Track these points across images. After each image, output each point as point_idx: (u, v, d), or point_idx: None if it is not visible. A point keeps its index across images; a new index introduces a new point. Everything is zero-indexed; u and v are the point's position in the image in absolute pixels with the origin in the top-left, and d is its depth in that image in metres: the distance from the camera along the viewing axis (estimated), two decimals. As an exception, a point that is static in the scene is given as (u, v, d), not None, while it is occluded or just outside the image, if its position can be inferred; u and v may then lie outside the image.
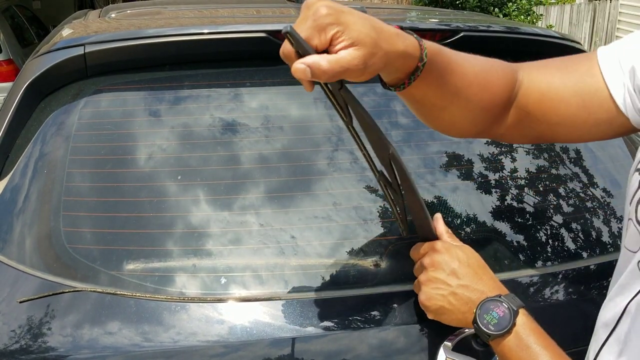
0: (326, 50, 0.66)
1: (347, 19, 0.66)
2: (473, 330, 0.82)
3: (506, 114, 0.88)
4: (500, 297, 0.81)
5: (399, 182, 0.81)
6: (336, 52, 0.66)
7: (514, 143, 1.12)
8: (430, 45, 0.75)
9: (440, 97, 0.80)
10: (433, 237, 0.90)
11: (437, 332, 0.90)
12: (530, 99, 0.87)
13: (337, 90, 0.69)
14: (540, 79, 0.87)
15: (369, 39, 0.66)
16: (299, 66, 0.64)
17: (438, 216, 0.93)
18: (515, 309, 0.79)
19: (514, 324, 0.79)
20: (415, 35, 0.74)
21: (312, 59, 0.64)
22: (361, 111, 0.72)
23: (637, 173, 0.74)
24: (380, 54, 0.68)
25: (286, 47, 0.67)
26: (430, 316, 0.87)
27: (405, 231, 0.90)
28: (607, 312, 0.77)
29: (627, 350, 0.72)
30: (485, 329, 0.80)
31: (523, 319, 0.80)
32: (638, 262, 0.72)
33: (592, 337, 0.80)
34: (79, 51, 1.13)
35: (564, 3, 10.14)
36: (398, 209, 0.86)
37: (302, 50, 0.63)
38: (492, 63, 0.87)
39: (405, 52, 0.72)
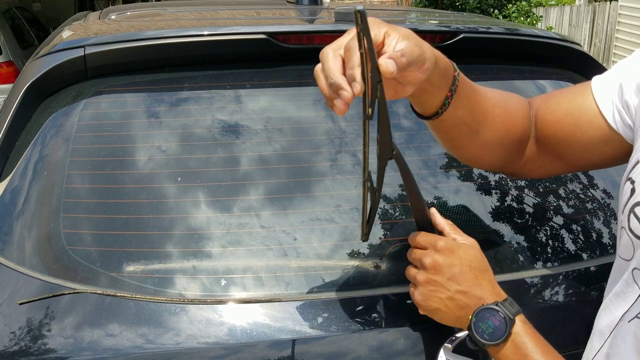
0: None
1: (391, 25, 0.73)
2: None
3: (526, 144, 0.94)
4: (497, 304, 0.79)
5: (402, 182, 0.81)
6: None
7: (533, 178, 1.13)
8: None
9: (472, 119, 0.87)
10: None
11: (437, 333, 0.90)
12: (536, 125, 0.94)
13: (377, 84, 0.69)
14: (540, 105, 0.94)
15: (413, 35, 0.73)
16: (387, 61, 0.67)
17: (433, 211, 0.89)
18: (512, 317, 0.78)
19: (509, 334, 0.78)
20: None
21: (388, 54, 0.68)
22: (385, 109, 0.73)
23: (628, 182, 0.75)
24: (427, 47, 0.74)
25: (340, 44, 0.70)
26: (422, 312, 0.86)
27: (365, 236, 0.87)
28: (602, 320, 0.78)
29: (613, 356, 0.74)
30: (479, 338, 0.79)
31: (519, 326, 0.79)
32: (633, 270, 0.73)
33: (588, 344, 0.81)
34: (79, 53, 1.14)
35: (563, 4, 10.15)
36: (369, 213, 0.85)
37: (366, 33, 0.64)
38: (507, 92, 0.95)
39: (441, 55, 0.79)
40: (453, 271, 0.82)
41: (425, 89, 0.80)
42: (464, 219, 1.07)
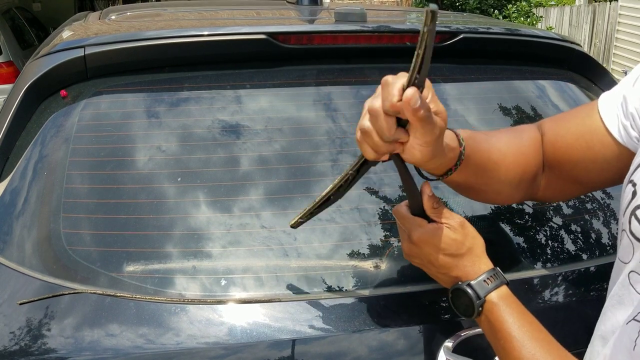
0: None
1: (436, 99, 0.74)
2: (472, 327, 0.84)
3: (542, 174, 0.95)
4: (468, 285, 0.81)
5: (400, 176, 0.82)
6: None
7: (554, 202, 1.13)
8: (461, 131, 0.84)
9: (482, 176, 0.88)
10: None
11: (438, 333, 0.90)
12: (549, 152, 0.93)
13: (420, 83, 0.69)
14: (548, 131, 0.94)
15: (445, 119, 0.74)
16: (417, 95, 0.68)
17: (425, 190, 0.86)
18: (482, 298, 0.80)
19: (479, 312, 0.80)
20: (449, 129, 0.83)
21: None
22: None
23: (630, 184, 0.75)
24: (439, 145, 0.76)
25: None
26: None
27: (296, 224, 0.89)
28: (602, 324, 0.78)
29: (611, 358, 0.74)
30: (457, 311, 0.83)
31: (494, 303, 0.79)
32: (629, 274, 0.73)
33: (589, 347, 0.81)
34: (79, 53, 1.14)
35: (563, 5, 10.15)
36: (320, 204, 0.86)
37: (432, 35, 0.65)
38: (516, 130, 0.95)
39: (451, 142, 0.80)
40: (429, 258, 0.83)
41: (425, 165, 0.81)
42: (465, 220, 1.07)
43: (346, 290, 0.95)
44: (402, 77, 0.70)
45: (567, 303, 1.01)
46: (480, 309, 0.80)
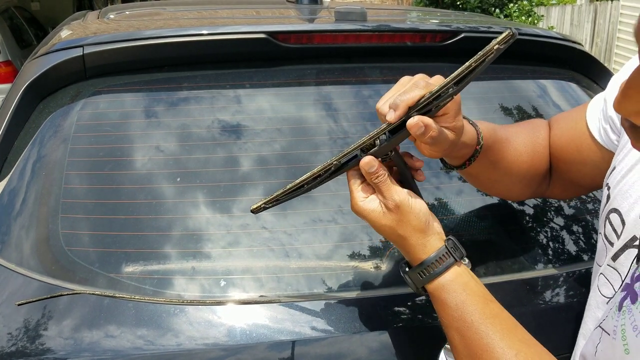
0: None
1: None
2: None
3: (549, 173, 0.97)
4: (406, 274, 0.77)
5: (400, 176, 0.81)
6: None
7: (562, 199, 1.13)
8: (484, 128, 0.85)
9: (494, 172, 0.90)
10: None
11: (438, 334, 0.89)
12: (550, 152, 0.95)
13: (448, 93, 0.72)
14: (552, 130, 0.95)
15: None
16: (419, 122, 0.72)
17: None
18: (418, 288, 0.76)
19: (426, 294, 0.77)
20: (470, 121, 0.85)
21: (435, 129, 0.73)
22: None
23: (605, 188, 0.76)
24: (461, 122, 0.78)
25: None
26: None
27: (257, 209, 0.81)
28: (585, 325, 0.78)
29: None
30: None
31: (433, 286, 0.74)
32: (599, 275, 0.74)
33: (575, 347, 0.80)
34: (78, 52, 1.13)
35: (564, 4, 10.14)
36: (288, 192, 0.81)
37: (498, 54, 0.70)
38: (534, 126, 0.96)
39: (470, 137, 0.82)
40: (379, 230, 0.78)
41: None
42: (466, 220, 1.06)
43: (346, 291, 0.95)
44: (437, 80, 0.74)
45: (568, 304, 1.00)
46: (425, 294, 0.77)
